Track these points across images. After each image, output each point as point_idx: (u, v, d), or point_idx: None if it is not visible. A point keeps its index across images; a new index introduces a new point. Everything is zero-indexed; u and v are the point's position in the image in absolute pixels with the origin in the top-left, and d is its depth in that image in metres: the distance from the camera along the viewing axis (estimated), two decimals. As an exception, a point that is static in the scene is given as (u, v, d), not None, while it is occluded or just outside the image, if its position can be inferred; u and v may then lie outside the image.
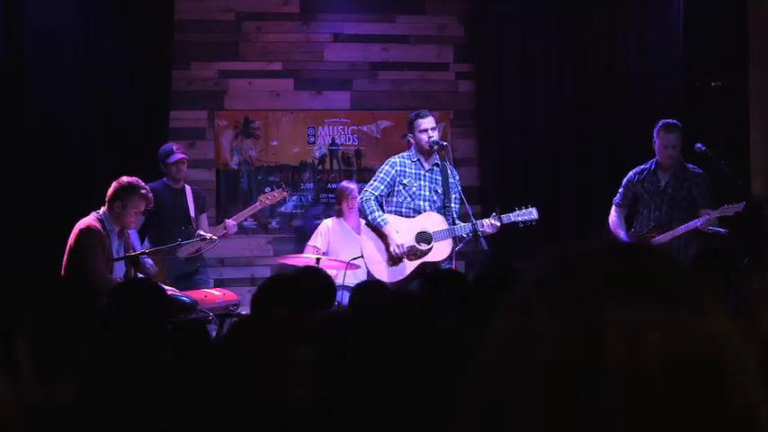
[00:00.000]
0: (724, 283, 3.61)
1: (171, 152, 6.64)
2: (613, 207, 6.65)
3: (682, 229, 6.29)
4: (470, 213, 6.08)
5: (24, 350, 1.66)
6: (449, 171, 6.23)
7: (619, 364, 0.77)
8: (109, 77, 7.16)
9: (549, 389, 0.78)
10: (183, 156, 6.66)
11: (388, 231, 6.07)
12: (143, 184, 5.83)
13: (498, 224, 6.00)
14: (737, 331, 0.81)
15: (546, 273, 0.85)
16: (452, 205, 6.22)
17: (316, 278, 3.55)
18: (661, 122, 6.51)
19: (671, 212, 6.45)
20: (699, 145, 6.40)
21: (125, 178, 5.80)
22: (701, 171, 6.49)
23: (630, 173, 6.61)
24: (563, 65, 7.92)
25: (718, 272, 3.93)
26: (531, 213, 6.14)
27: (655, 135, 6.49)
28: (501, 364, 0.82)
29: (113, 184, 5.77)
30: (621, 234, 6.52)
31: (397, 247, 6.04)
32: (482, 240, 5.95)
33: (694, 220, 6.27)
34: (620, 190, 6.62)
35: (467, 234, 6.08)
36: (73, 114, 7.02)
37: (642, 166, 6.58)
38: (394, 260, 6.11)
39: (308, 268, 4.03)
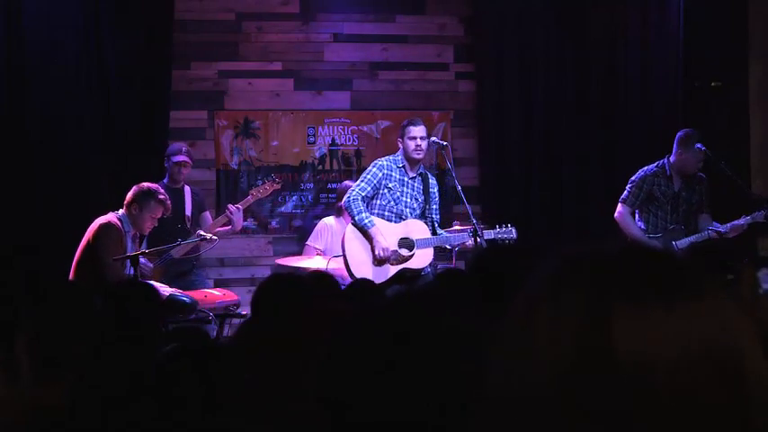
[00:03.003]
0: (722, 281, 3.62)
1: (177, 152, 6.65)
2: (621, 205, 6.52)
3: (699, 237, 6.31)
4: (470, 213, 6.10)
5: (24, 349, 1.66)
6: (430, 181, 6.36)
7: (628, 359, 0.77)
8: (109, 77, 7.16)
9: (558, 384, 0.79)
10: (184, 159, 6.64)
11: (374, 234, 6.14)
12: (162, 191, 5.88)
13: (480, 240, 6.05)
14: (746, 323, 0.82)
15: (553, 271, 0.86)
16: (432, 216, 6.33)
17: (319, 279, 3.54)
18: (692, 132, 6.44)
19: (687, 216, 6.49)
20: (699, 145, 6.40)
21: (145, 184, 5.91)
22: (704, 176, 6.53)
23: (641, 173, 6.50)
24: (563, 65, 7.92)
25: (715, 270, 3.94)
26: (510, 232, 6.15)
27: (684, 143, 6.40)
28: (512, 361, 0.83)
29: (133, 188, 5.85)
30: (634, 231, 6.47)
31: (382, 250, 6.11)
32: (481, 241, 5.97)
33: (728, 225, 6.26)
34: (629, 188, 6.51)
35: (451, 245, 6.17)
36: (73, 114, 7.01)
37: (654, 168, 6.50)
38: (377, 261, 6.17)
39: (317, 272, 4.03)
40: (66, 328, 1.85)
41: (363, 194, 6.23)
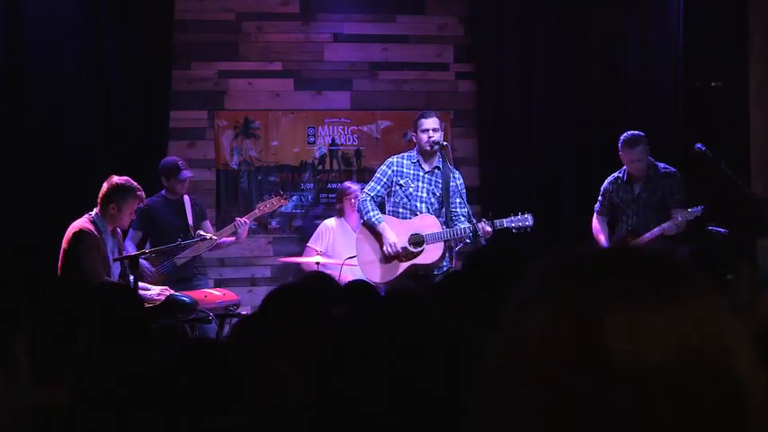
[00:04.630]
0: (720, 283, 3.62)
1: (178, 169, 6.58)
2: (594, 214, 6.73)
3: (648, 235, 6.29)
4: (470, 213, 6.10)
5: (22, 349, 1.66)
6: (450, 174, 6.25)
7: (621, 358, 0.77)
8: (109, 77, 7.16)
9: (549, 386, 0.79)
10: (191, 174, 6.64)
11: (382, 230, 6.14)
12: (134, 183, 5.79)
13: (489, 229, 6.00)
14: (738, 324, 0.82)
15: (543, 273, 0.86)
16: (457, 210, 6.24)
17: (324, 284, 3.52)
18: (623, 138, 6.49)
19: (647, 217, 6.47)
20: (699, 145, 6.39)
21: (116, 178, 5.76)
22: (673, 170, 6.51)
23: (606, 181, 6.69)
24: (563, 65, 7.92)
25: (712, 272, 3.93)
26: (527, 220, 6.08)
27: (620, 149, 6.50)
28: (506, 361, 0.83)
29: (105, 185, 5.74)
30: (602, 240, 6.57)
31: (390, 246, 6.10)
32: (482, 241, 5.97)
33: (659, 226, 6.27)
34: (599, 198, 6.70)
35: (460, 237, 6.11)
36: (73, 114, 7.02)
37: (616, 174, 6.65)
38: (387, 259, 6.16)
39: (315, 273, 4.01)
40: (66, 328, 1.85)
41: (373, 194, 6.25)
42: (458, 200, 6.25)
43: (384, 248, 6.12)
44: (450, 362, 1.35)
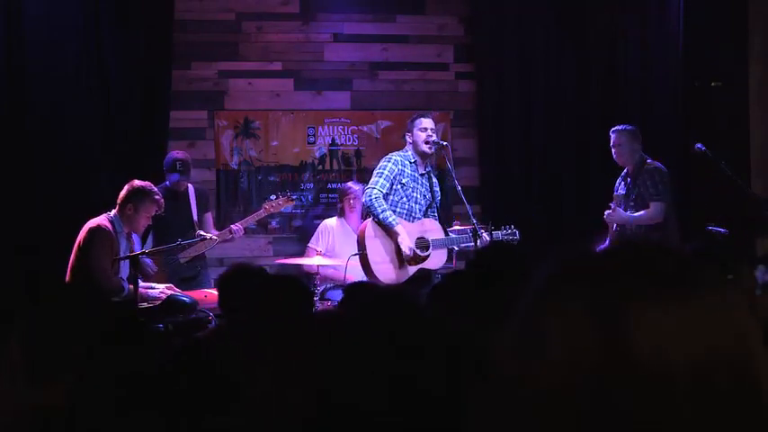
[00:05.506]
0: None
1: (172, 170, 6.57)
2: None
3: (612, 232, 6.39)
4: (471, 213, 6.11)
5: (17, 350, 1.66)
6: (433, 180, 6.41)
7: (645, 357, 0.76)
8: (109, 77, 7.17)
9: (555, 387, 0.78)
10: (178, 175, 6.59)
11: (399, 232, 6.12)
12: (155, 188, 5.85)
13: (488, 239, 6.11)
14: (756, 322, 0.81)
15: (554, 275, 0.85)
16: (435, 214, 6.40)
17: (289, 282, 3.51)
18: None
19: (630, 211, 6.51)
20: (699, 145, 6.40)
21: (137, 182, 5.82)
22: (656, 165, 6.54)
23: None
24: (563, 65, 7.93)
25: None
26: (514, 234, 6.31)
27: None
28: (526, 362, 0.82)
29: (126, 187, 5.80)
30: (608, 240, 6.61)
31: (409, 249, 6.11)
32: (482, 241, 5.99)
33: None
34: None
35: (460, 245, 6.19)
36: (73, 114, 7.02)
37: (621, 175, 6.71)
38: (399, 260, 6.17)
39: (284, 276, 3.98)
40: (64, 328, 1.85)
41: (384, 191, 6.23)
42: (435, 205, 6.41)
43: (404, 252, 6.14)
44: (450, 362, 1.35)
